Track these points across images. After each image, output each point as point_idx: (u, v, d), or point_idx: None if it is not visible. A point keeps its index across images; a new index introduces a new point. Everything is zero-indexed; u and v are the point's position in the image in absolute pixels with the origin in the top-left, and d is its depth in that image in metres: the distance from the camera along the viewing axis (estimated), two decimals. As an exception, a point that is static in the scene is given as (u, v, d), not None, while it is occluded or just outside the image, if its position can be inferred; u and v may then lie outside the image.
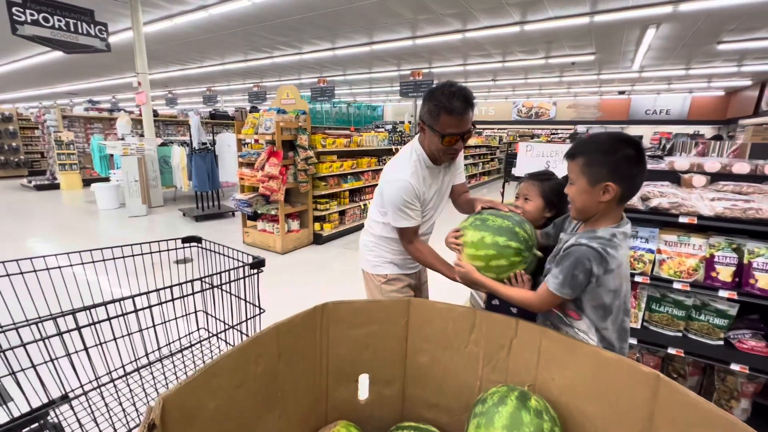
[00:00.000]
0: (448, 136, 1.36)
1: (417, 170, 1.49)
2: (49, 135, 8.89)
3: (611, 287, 1.08)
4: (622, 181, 1.01)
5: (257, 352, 1.03)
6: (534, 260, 1.23)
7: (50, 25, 5.58)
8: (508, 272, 1.21)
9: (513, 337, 1.21)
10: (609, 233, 1.04)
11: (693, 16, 6.78)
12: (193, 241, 1.56)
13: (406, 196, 1.45)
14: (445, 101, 1.31)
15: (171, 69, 13.64)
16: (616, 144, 1.01)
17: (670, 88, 15.83)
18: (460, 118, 1.33)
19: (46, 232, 5.45)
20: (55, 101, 23.27)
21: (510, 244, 1.16)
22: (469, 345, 1.31)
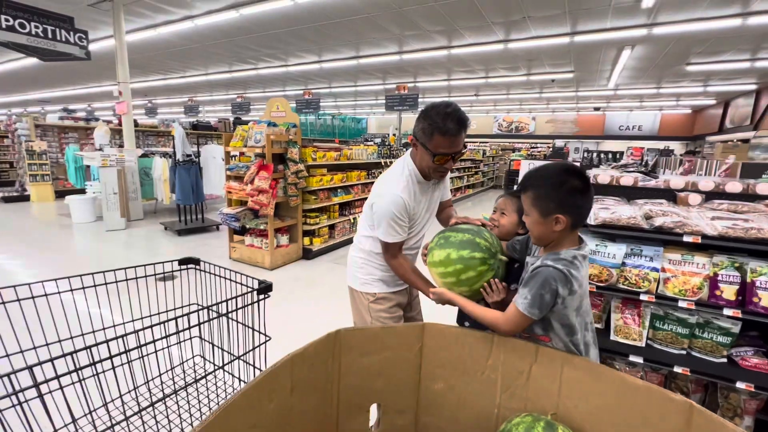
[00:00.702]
0: (439, 155, 1.39)
1: (409, 185, 1.51)
2: (20, 144, 8.48)
3: (575, 306, 1.14)
4: (571, 212, 1.07)
5: (270, 387, 0.97)
6: (501, 265, 1.27)
7: (27, 31, 5.37)
8: (479, 282, 1.24)
9: (532, 362, 1.18)
10: (571, 255, 1.09)
11: (665, 39, 7.15)
12: (190, 263, 1.47)
13: (396, 210, 1.46)
14: (439, 122, 1.34)
15: (152, 78, 13.35)
16: (562, 176, 1.07)
17: (641, 106, 16.59)
18: (452, 139, 1.36)
19: (18, 249, 5.14)
20: (25, 108, 22.34)
21: (474, 255, 1.21)
22: (486, 371, 1.27)
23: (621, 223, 1.68)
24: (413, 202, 1.51)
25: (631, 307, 1.77)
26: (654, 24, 6.39)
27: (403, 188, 1.49)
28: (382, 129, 22.37)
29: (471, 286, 1.24)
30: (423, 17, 6.62)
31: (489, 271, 1.23)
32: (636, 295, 1.68)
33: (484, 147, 14.83)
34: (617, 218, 1.69)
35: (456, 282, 1.25)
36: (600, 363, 1.12)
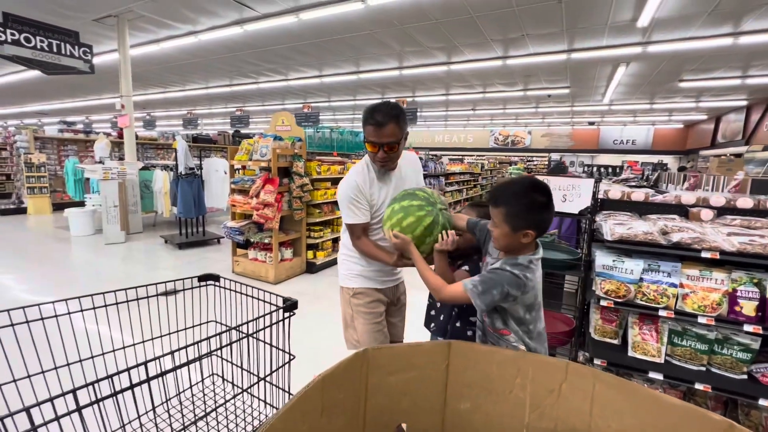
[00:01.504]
0: (368, 143, 1.55)
1: (363, 171, 1.65)
2: (19, 157, 8.43)
3: (527, 303, 1.27)
4: (537, 227, 1.20)
5: (303, 409, 0.95)
6: (441, 214, 1.40)
7: (32, 45, 5.40)
8: (419, 228, 1.37)
9: (563, 380, 1.17)
10: (527, 260, 1.22)
11: (659, 56, 7.34)
12: (209, 279, 1.45)
13: (351, 191, 1.60)
14: (368, 115, 1.52)
15: (151, 91, 13.43)
16: (530, 194, 1.18)
17: (635, 120, 16.91)
18: (377, 129, 1.50)
19: (15, 262, 5.06)
20: (22, 120, 22.30)
21: (412, 203, 1.39)
22: (514, 390, 1.25)
23: (638, 239, 1.69)
24: (369, 187, 1.63)
25: (649, 323, 1.77)
26: (648, 42, 6.57)
27: (358, 173, 1.64)
28: (380, 142, 22.53)
29: (413, 233, 1.38)
30: (423, 34, 6.76)
31: (427, 217, 1.37)
32: (654, 311, 1.68)
33: (482, 161, 14.97)
34: (634, 234, 1.70)
35: (400, 230, 1.39)
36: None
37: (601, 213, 2.11)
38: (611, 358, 1.80)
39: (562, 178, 1.91)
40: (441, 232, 1.38)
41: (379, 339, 1.77)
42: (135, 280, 4.46)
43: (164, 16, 6.35)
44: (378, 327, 1.75)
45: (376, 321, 1.75)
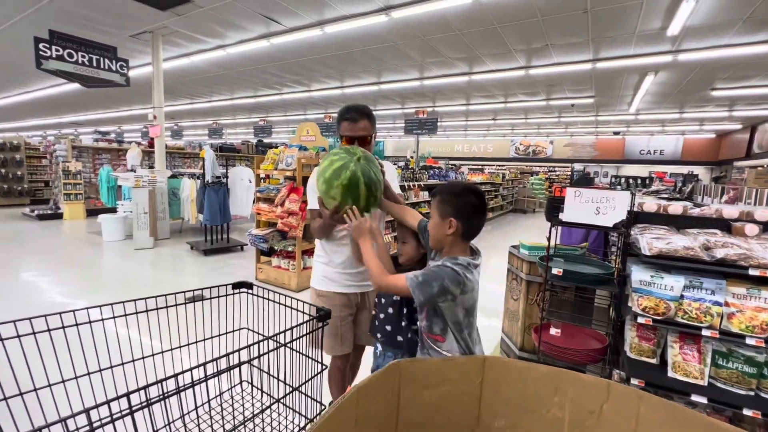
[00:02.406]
0: (344, 137, 1.66)
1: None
2: (57, 165, 8.88)
3: (466, 305, 1.30)
4: (462, 221, 1.25)
5: (339, 420, 0.94)
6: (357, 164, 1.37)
7: (74, 60, 5.72)
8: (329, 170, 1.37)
9: (604, 401, 1.13)
10: (466, 262, 1.26)
11: (690, 65, 7.13)
12: (243, 287, 1.48)
13: (311, 181, 1.72)
14: (344, 112, 1.66)
15: (179, 102, 13.96)
16: (464, 191, 1.28)
17: (663, 130, 16.40)
18: (352, 124, 1.64)
19: (54, 266, 5.30)
20: (59, 131, 23.55)
21: (333, 159, 1.40)
22: (552, 409, 1.21)
23: (678, 254, 1.63)
24: None
25: (690, 342, 1.69)
26: (679, 50, 6.40)
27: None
28: (399, 152, 22.66)
29: (324, 175, 1.39)
30: (446, 45, 6.80)
31: (338, 161, 1.37)
32: (697, 330, 1.61)
33: (503, 171, 14.80)
34: (674, 249, 1.64)
35: (325, 184, 1.39)
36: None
37: (635, 226, 2.04)
38: (649, 378, 1.72)
39: (595, 190, 1.86)
40: (351, 182, 1.34)
41: (331, 343, 1.78)
42: (163, 285, 4.59)
43: (195, 32, 6.62)
44: (333, 330, 1.76)
45: (334, 324, 1.76)
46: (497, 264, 6.31)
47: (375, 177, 1.41)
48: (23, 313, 1.01)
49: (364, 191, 1.37)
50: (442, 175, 8.60)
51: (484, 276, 5.27)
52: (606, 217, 1.87)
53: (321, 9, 5.47)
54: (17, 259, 5.54)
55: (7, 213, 9.40)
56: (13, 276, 4.72)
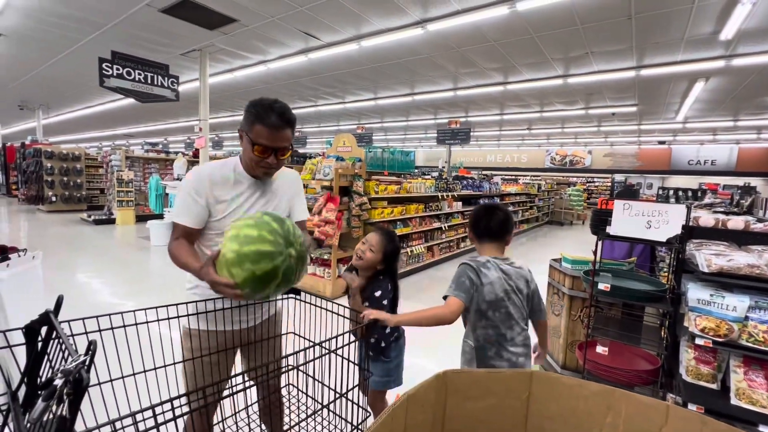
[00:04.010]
0: (258, 145, 1.30)
1: (223, 169, 1.39)
2: (112, 174, 9.59)
3: (487, 298, 1.52)
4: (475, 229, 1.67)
5: (390, 428, 0.96)
6: (288, 262, 1.09)
7: (132, 78, 6.21)
8: (255, 264, 1.05)
9: (662, 424, 1.07)
10: (485, 259, 1.57)
11: (745, 70, 6.70)
12: (292, 293, 1.53)
13: (195, 183, 1.33)
14: (261, 111, 1.28)
15: (221, 115, 14.71)
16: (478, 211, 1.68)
17: (715, 139, 15.40)
18: (273, 131, 1.29)
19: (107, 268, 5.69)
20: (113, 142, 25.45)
21: (271, 223, 1.11)
22: (603, 429, 1.17)
23: (742, 272, 1.53)
24: (221, 188, 1.36)
25: (757, 368, 1.57)
26: (733, 55, 6.03)
27: (216, 168, 1.39)
28: (430, 162, 22.63)
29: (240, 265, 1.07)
30: (481, 55, 6.78)
31: (267, 258, 1.07)
32: (764, 354, 1.49)
33: (538, 181, 14.40)
34: (736, 266, 1.54)
35: (235, 256, 1.07)
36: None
37: (690, 241, 1.93)
38: (709, 404, 1.61)
39: (646, 203, 1.79)
40: (266, 277, 1.07)
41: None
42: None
43: (239, 49, 7.00)
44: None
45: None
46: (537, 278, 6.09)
47: (296, 277, 1.16)
48: (78, 311, 1.06)
49: (272, 289, 1.12)
50: (475, 185, 8.50)
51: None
52: (658, 231, 1.79)
53: (358, 24, 5.63)
54: (75, 260, 6.00)
55: (68, 218, 10.22)
56: (70, 276, 5.12)
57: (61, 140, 24.61)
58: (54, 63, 8.21)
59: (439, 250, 6.54)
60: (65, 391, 0.54)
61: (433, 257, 6.34)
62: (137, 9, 5.36)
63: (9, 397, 0.73)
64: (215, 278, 1.10)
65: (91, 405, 0.95)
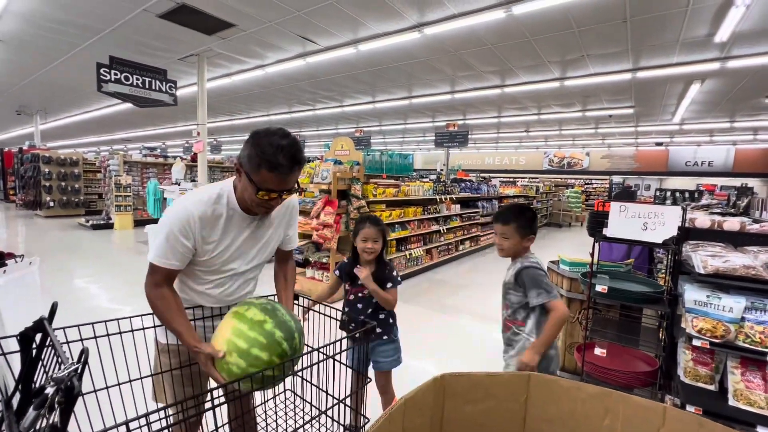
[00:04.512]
0: (264, 191, 1.15)
1: (214, 206, 1.24)
2: (110, 178, 9.58)
3: None
4: (534, 232, 1.73)
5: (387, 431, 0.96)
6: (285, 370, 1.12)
7: (130, 83, 6.22)
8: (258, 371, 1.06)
9: (660, 426, 1.07)
10: (535, 258, 1.72)
11: (741, 72, 6.75)
12: (292, 298, 1.53)
13: (180, 224, 1.18)
14: (269, 154, 1.10)
15: (219, 119, 14.73)
16: (526, 211, 1.74)
17: (711, 140, 15.47)
18: (282, 177, 1.14)
19: (105, 273, 5.68)
20: (111, 146, 25.43)
21: (282, 344, 1.10)
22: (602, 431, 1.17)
23: (737, 273, 1.53)
24: (210, 227, 1.23)
25: (754, 369, 1.57)
26: (728, 57, 6.08)
27: (203, 203, 1.22)
28: (428, 164, 22.67)
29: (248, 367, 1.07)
30: (477, 59, 6.81)
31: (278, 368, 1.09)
32: (761, 355, 1.49)
33: (537, 183, 14.43)
34: (732, 267, 1.55)
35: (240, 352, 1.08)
36: None
37: (687, 243, 1.94)
38: (707, 405, 1.61)
39: (642, 205, 1.80)
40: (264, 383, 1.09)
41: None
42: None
43: (237, 53, 7.02)
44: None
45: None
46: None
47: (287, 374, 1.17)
48: (76, 317, 1.06)
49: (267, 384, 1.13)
50: (473, 188, 8.52)
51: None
52: (654, 233, 1.79)
53: (356, 28, 5.66)
54: (73, 265, 5.98)
55: (66, 222, 10.19)
56: (68, 281, 5.10)
57: (59, 145, 24.59)
58: (52, 68, 8.22)
59: (437, 253, 6.54)
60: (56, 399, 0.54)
61: (432, 260, 6.34)
62: (135, 14, 5.38)
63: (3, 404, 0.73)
64: (213, 373, 1.11)
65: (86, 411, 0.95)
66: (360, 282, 1.91)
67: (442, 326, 3.94)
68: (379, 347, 1.97)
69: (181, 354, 1.32)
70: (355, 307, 1.96)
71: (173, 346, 1.33)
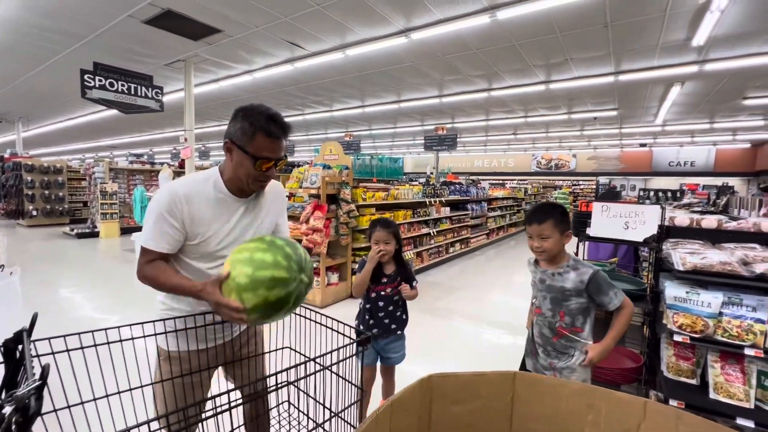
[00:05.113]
0: (262, 159, 1.19)
1: (201, 185, 1.25)
2: (96, 186, 9.41)
3: None
4: (570, 228, 1.62)
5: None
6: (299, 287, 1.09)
7: (114, 89, 6.14)
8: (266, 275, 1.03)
9: (641, 420, 1.10)
10: (584, 262, 1.62)
11: (718, 75, 6.95)
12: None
13: (164, 205, 1.18)
14: (263, 122, 1.17)
15: (207, 125, 14.60)
16: (557, 206, 1.63)
17: (693, 141, 15.87)
18: (277, 142, 1.21)
19: (90, 282, 5.57)
20: (97, 153, 25.00)
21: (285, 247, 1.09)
22: (586, 428, 1.18)
23: (714, 270, 1.58)
24: (197, 208, 1.23)
25: (733, 362, 1.61)
26: (706, 60, 6.26)
27: (190, 184, 1.24)
28: (419, 168, 22.78)
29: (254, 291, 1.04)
30: (464, 63, 6.90)
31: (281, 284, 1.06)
32: (739, 348, 1.54)
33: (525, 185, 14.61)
34: (709, 264, 1.60)
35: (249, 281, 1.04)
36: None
37: (667, 241, 1.99)
38: (689, 399, 1.65)
39: (624, 204, 1.84)
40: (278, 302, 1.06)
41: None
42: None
43: (224, 59, 7.00)
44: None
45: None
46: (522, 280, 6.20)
47: (301, 301, 1.16)
48: (60, 328, 1.01)
49: (280, 315, 1.11)
50: (462, 190, 8.59)
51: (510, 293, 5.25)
52: (635, 231, 1.84)
53: (343, 34, 5.69)
54: (57, 275, 5.85)
55: (50, 232, 9.97)
56: (52, 292, 4.99)
57: (43, 153, 24.08)
58: (34, 75, 8.07)
59: (428, 256, 6.57)
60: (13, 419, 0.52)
61: (423, 263, 6.36)
62: (119, 20, 5.33)
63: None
64: (223, 300, 1.05)
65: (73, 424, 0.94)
66: (384, 281, 2.00)
67: (435, 328, 3.95)
68: (393, 343, 2.08)
69: (182, 362, 1.29)
70: (376, 305, 2.03)
71: (174, 354, 1.30)
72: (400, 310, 2.10)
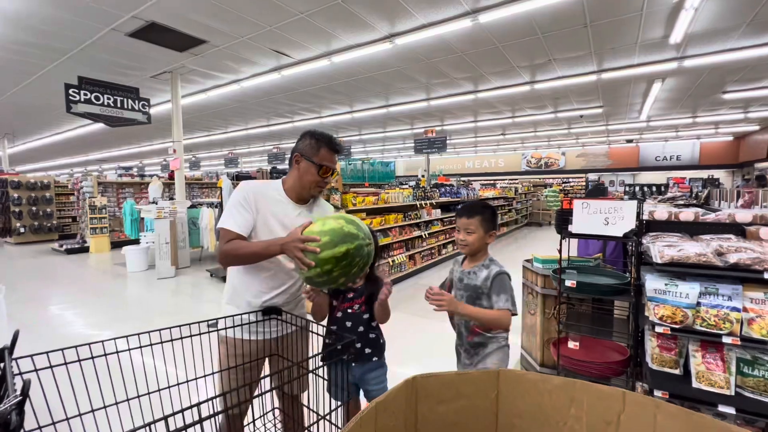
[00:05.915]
0: (324, 166, 1.51)
1: (267, 187, 1.56)
2: (84, 200, 9.31)
3: None
4: (496, 228, 1.71)
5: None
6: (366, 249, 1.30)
7: (100, 102, 6.11)
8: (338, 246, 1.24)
9: (621, 411, 1.12)
10: (499, 263, 1.68)
11: (697, 70, 7.11)
12: (272, 313, 1.53)
13: (240, 195, 1.49)
14: (326, 140, 1.53)
15: (197, 135, 14.56)
16: (488, 207, 1.71)
17: (678, 135, 16.15)
18: (334, 156, 1.56)
19: (81, 299, 5.50)
20: (85, 168, 24.73)
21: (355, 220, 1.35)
22: (568, 421, 1.21)
23: (690, 261, 1.63)
24: (266, 204, 1.51)
25: (713, 350, 1.66)
26: (684, 57, 6.41)
27: (258, 185, 1.54)
28: (410, 171, 22.86)
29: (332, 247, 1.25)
30: (450, 66, 6.98)
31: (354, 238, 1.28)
32: (717, 337, 1.58)
33: (516, 185, 14.74)
34: (685, 256, 1.64)
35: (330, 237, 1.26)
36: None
37: (648, 235, 2.04)
38: (673, 389, 1.69)
39: (602, 201, 1.89)
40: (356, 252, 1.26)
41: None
42: (185, 312, 4.71)
43: (211, 69, 7.00)
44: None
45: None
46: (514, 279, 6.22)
47: (364, 272, 1.37)
48: (53, 345, 1.05)
49: (346, 272, 1.27)
50: (453, 192, 8.65)
51: (500, 291, 4.97)
52: (615, 227, 1.88)
53: (328, 41, 5.73)
54: (47, 292, 5.77)
55: (38, 249, 9.83)
56: (42, 309, 4.92)
57: (29, 169, 23.76)
58: (18, 90, 8.01)
59: (420, 258, 6.60)
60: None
61: (415, 265, 6.39)
62: (103, 34, 5.32)
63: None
64: (301, 236, 1.25)
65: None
66: (350, 296, 1.72)
67: (429, 332, 3.97)
68: (370, 373, 1.73)
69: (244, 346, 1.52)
70: (343, 325, 1.71)
71: (238, 341, 1.51)
72: (374, 332, 1.75)
